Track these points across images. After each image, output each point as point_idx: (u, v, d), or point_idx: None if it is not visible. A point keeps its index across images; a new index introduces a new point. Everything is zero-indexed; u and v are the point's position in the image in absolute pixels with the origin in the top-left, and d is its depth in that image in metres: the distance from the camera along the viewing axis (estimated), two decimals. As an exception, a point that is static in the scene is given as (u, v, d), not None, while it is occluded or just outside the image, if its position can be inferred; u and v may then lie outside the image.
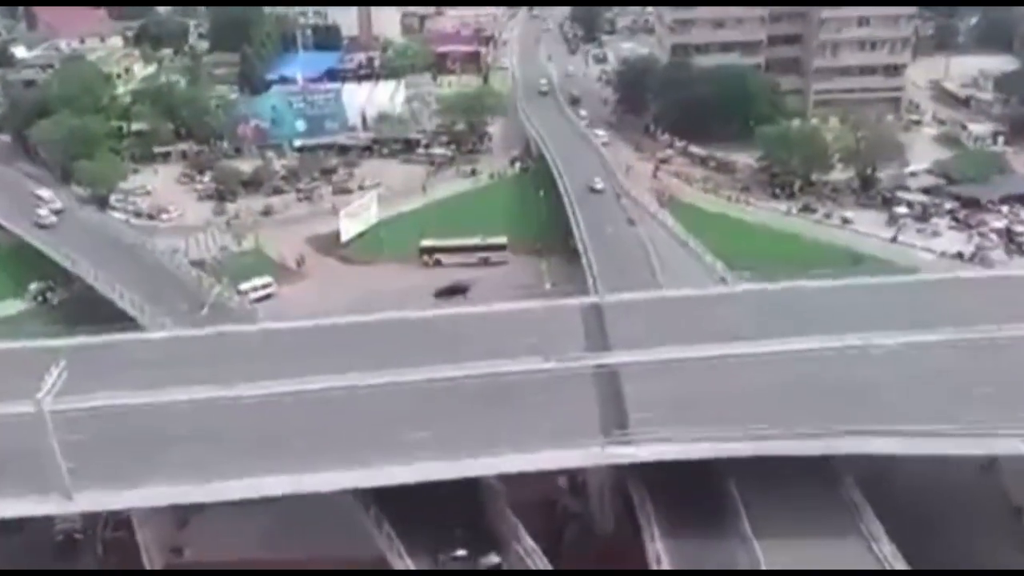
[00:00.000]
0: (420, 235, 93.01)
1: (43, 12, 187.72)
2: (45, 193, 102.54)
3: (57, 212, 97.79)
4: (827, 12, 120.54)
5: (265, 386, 50.14)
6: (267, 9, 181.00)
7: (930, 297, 57.69)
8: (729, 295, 61.71)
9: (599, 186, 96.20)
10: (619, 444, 44.93)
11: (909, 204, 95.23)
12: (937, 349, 50.24)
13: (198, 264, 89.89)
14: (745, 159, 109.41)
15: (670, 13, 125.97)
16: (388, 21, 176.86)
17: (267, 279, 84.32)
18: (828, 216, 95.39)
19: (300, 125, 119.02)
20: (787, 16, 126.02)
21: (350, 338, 56.11)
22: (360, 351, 53.48)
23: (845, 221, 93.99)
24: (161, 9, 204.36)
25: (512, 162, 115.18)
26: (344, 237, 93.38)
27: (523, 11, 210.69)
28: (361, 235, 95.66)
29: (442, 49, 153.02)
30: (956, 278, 64.37)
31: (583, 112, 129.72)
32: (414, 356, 52.15)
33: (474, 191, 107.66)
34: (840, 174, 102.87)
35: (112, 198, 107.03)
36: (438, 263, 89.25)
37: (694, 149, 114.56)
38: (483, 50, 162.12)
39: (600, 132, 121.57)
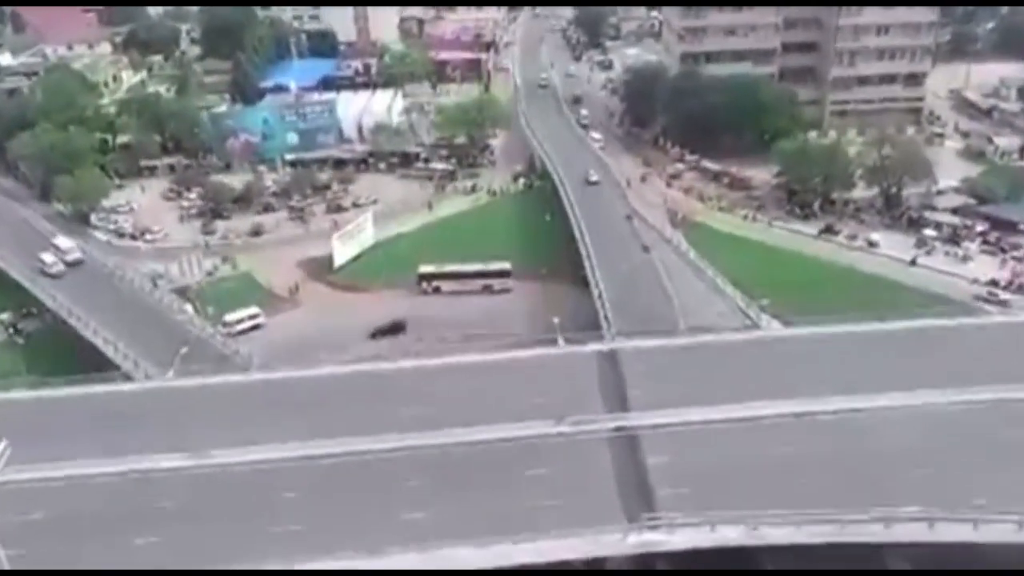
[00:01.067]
0: (418, 258, 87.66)
1: (31, 16, 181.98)
2: (63, 242, 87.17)
3: (72, 264, 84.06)
4: (844, 19, 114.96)
5: (244, 453, 44.59)
6: (261, 14, 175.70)
7: (983, 343, 52.05)
8: (761, 341, 55.85)
9: (594, 178, 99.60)
10: (645, 528, 39.31)
11: (938, 225, 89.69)
12: (1005, 409, 44.66)
13: (182, 292, 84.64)
14: (761, 175, 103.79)
15: (680, 20, 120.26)
16: (386, 26, 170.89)
17: (254, 310, 78.72)
18: (852, 238, 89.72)
19: (292, 139, 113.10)
20: (802, 23, 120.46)
21: (337, 392, 50.54)
22: (347, 410, 47.94)
23: (870, 244, 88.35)
24: (152, 12, 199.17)
25: (515, 177, 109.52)
26: (337, 262, 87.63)
27: (525, 13, 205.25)
28: (356, 258, 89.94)
29: (442, 56, 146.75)
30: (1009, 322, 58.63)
31: (584, 111, 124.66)
32: (406, 416, 46.66)
33: (475, 210, 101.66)
34: (862, 191, 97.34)
35: (93, 216, 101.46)
36: (437, 290, 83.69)
37: (706, 164, 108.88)
38: (484, 56, 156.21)
39: (596, 135, 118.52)
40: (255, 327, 77.87)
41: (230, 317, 77.08)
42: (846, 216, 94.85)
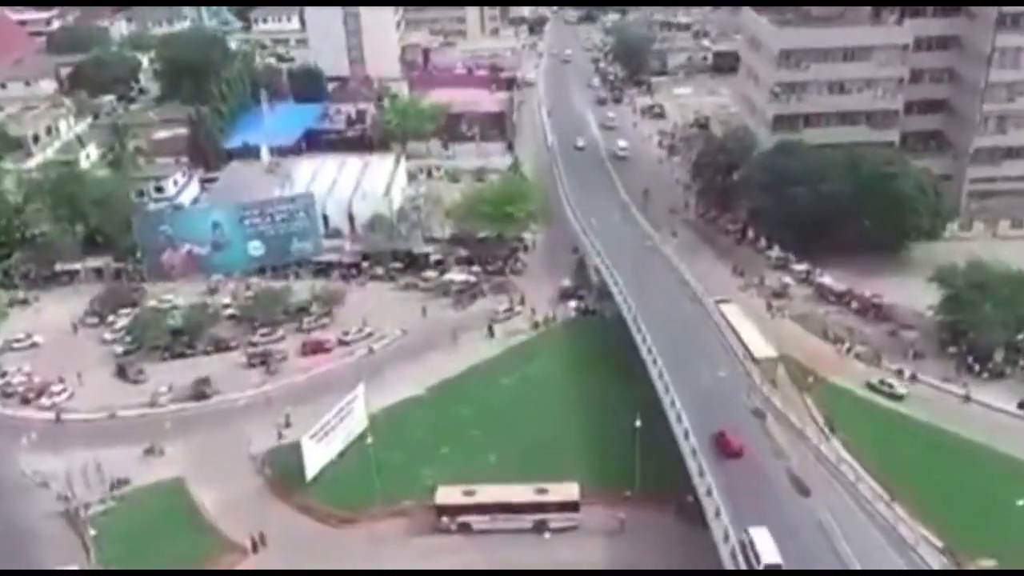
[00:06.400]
0: (430, 456, 59.10)
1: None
2: None
3: None
4: (997, 73, 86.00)
5: None
6: (232, 46, 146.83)
7: None
8: None
9: (580, 144, 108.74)
10: None
11: None
12: None
13: (73, 517, 55.65)
14: (905, 299, 74.70)
15: (774, 72, 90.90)
16: (385, 57, 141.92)
17: (173, 585, 49.55)
18: (1075, 424, 60.51)
19: (256, 248, 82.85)
20: (930, 75, 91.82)
21: None
22: None
23: (1110, 438, 59.26)
24: (115, 35, 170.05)
25: (563, 295, 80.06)
26: (311, 471, 57.94)
27: (549, 36, 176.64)
28: (342, 453, 60.41)
29: (456, 109, 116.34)
30: None
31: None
32: None
33: (513, 357, 71.47)
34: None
35: (-28, 364, 72.53)
36: (464, 528, 54.27)
37: (824, 280, 79.49)
38: (506, 97, 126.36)
39: (622, 142, 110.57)
40: (176, 610, 49.04)
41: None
42: (1046, 373, 66.03)
